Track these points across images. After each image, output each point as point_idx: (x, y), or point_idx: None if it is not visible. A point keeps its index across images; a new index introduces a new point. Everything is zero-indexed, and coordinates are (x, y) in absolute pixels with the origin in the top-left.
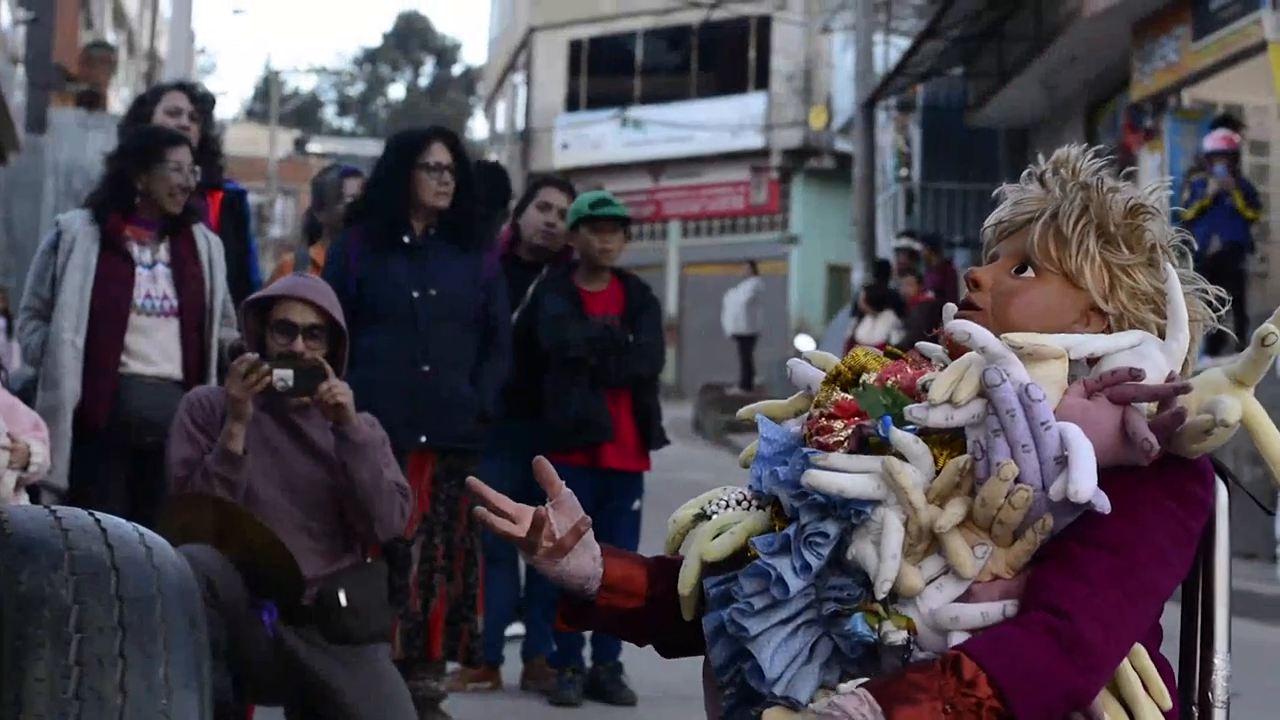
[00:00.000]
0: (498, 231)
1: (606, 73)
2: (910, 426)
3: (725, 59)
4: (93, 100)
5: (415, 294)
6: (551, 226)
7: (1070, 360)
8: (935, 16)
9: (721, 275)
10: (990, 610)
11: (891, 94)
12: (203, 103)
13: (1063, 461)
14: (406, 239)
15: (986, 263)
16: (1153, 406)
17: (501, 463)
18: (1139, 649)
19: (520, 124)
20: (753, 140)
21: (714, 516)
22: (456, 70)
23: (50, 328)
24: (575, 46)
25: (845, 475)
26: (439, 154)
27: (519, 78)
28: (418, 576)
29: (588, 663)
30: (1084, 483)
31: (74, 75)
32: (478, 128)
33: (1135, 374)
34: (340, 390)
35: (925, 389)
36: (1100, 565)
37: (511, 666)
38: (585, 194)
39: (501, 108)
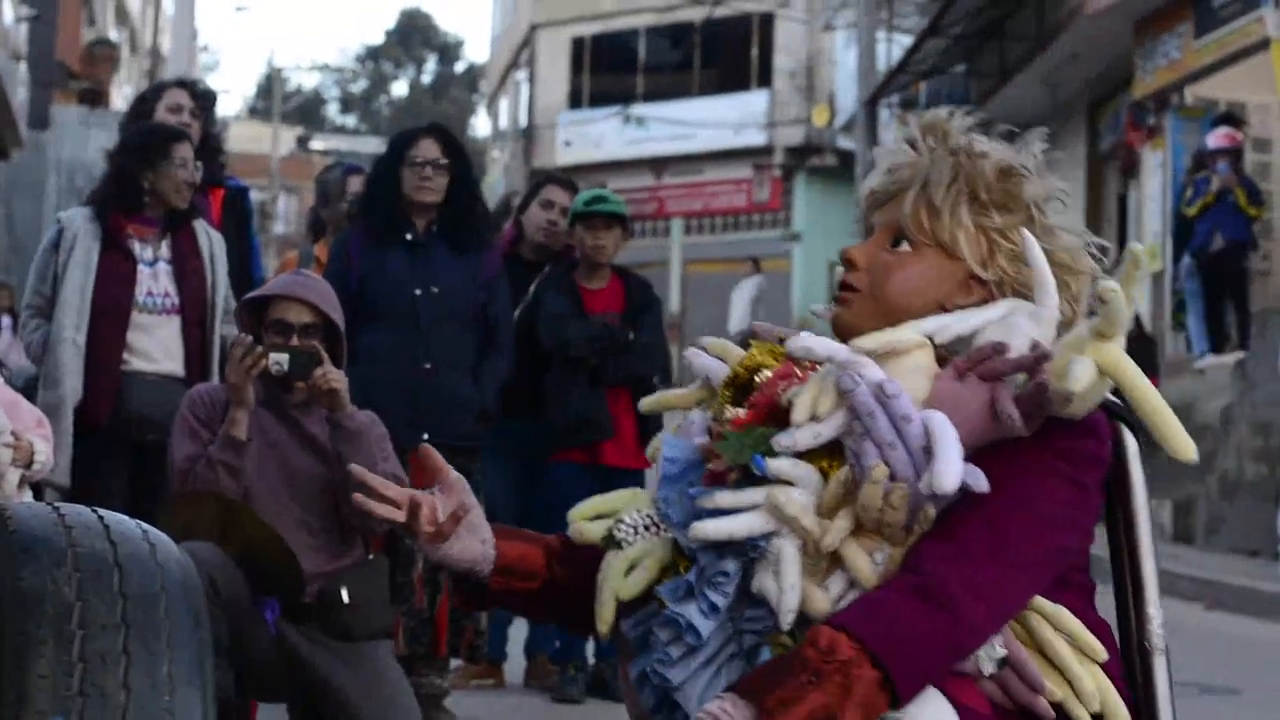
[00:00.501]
0: (499, 230)
1: (609, 70)
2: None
3: (727, 56)
4: (95, 98)
5: (417, 291)
6: (553, 225)
7: (943, 343)
8: (937, 14)
9: (724, 273)
10: None
11: (894, 91)
12: (204, 99)
13: (930, 452)
14: (409, 236)
15: (865, 234)
16: (1025, 377)
17: (502, 461)
18: (1061, 610)
19: (523, 121)
20: (755, 138)
21: (624, 547)
22: (459, 67)
23: (51, 326)
24: (578, 44)
25: (732, 520)
26: (426, 150)
27: (522, 75)
28: (423, 573)
29: (590, 659)
30: (948, 475)
31: (76, 72)
32: (481, 125)
33: (998, 348)
34: (335, 376)
35: (791, 403)
36: (976, 534)
37: (514, 663)
38: (583, 191)
39: (504, 105)
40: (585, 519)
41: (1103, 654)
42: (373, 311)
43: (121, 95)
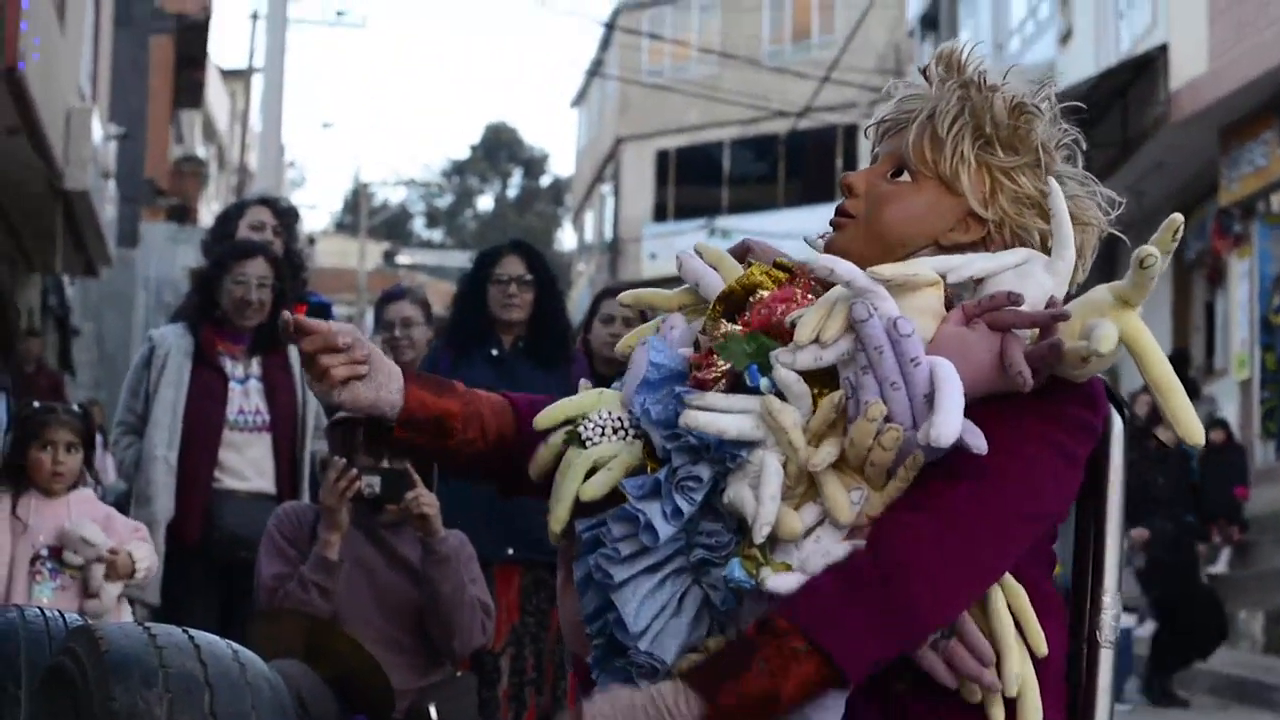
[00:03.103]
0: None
1: (694, 182)
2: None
3: (811, 168)
4: (183, 214)
5: None
6: (615, 338)
7: (951, 284)
8: None
9: None
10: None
11: None
12: (286, 216)
13: (932, 400)
14: (494, 352)
15: (873, 162)
16: (1035, 332)
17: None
18: (1019, 591)
19: (608, 234)
20: None
21: (589, 445)
22: (544, 181)
23: (144, 444)
24: (662, 156)
25: (725, 416)
26: (511, 267)
27: (607, 188)
28: (508, 689)
29: None
30: (948, 426)
31: (164, 189)
32: (566, 238)
33: (1014, 299)
34: (427, 500)
35: (794, 326)
36: (960, 503)
37: None
38: None
39: (589, 218)
40: (554, 423)
41: (1043, 651)
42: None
43: (209, 211)
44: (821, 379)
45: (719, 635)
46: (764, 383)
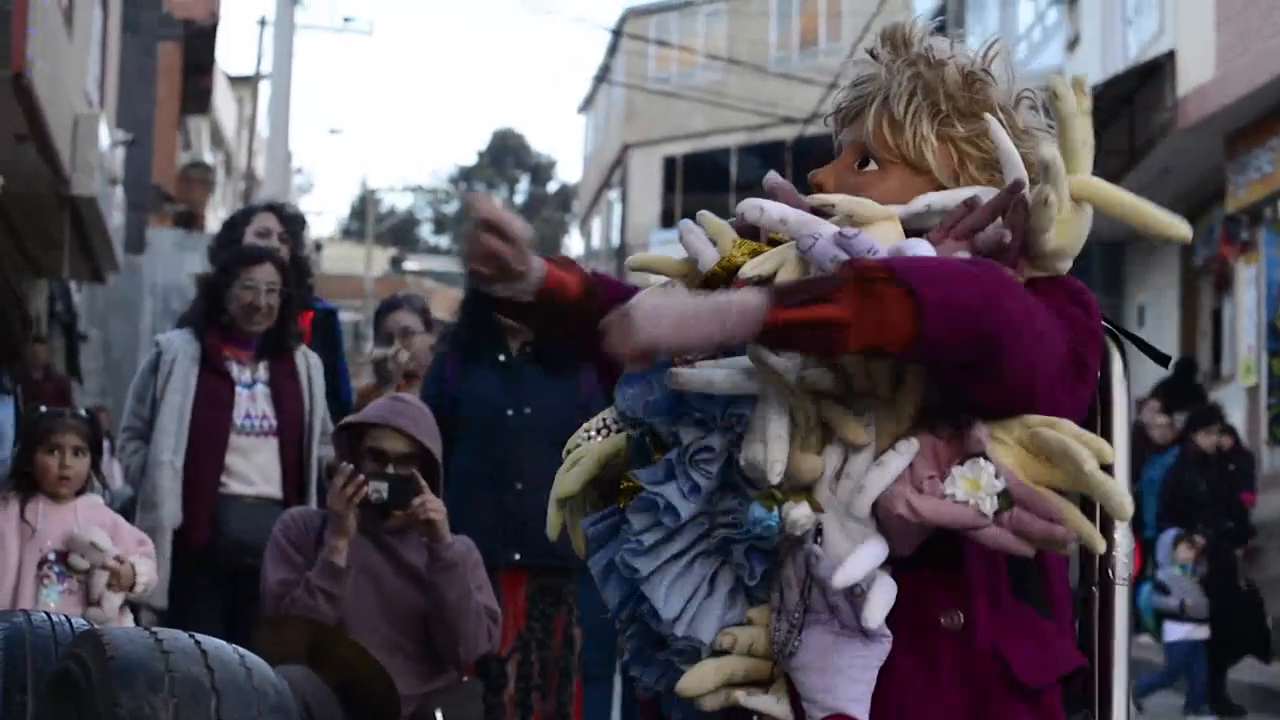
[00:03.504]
0: None
1: (701, 189)
2: None
3: None
4: (190, 220)
5: (509, 412)
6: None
7: (909, 223)
8: None
9: None
10: (896, 462)
11: None
12: (292, 223)
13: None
14: (501, 358)
15: (836, 153)
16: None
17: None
18: (1064, 423)
19: (615, 240)
20: None
21: (569, 453)
22: (551, 187)
23: (150, 449)
24: (669, 163)
25: (713, 370)
26: None
27: (614, 194)
28: (514, 695)
29: None
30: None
31: (172, 196)
32: (573, 245)
33: (971, 203)
34: (434, 506)
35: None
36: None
37: None
38: None
39: (597, 224)
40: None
41: (1111, 455)
42: (466, 433)
43: (217, 218)
44: None
45: (759, 605)
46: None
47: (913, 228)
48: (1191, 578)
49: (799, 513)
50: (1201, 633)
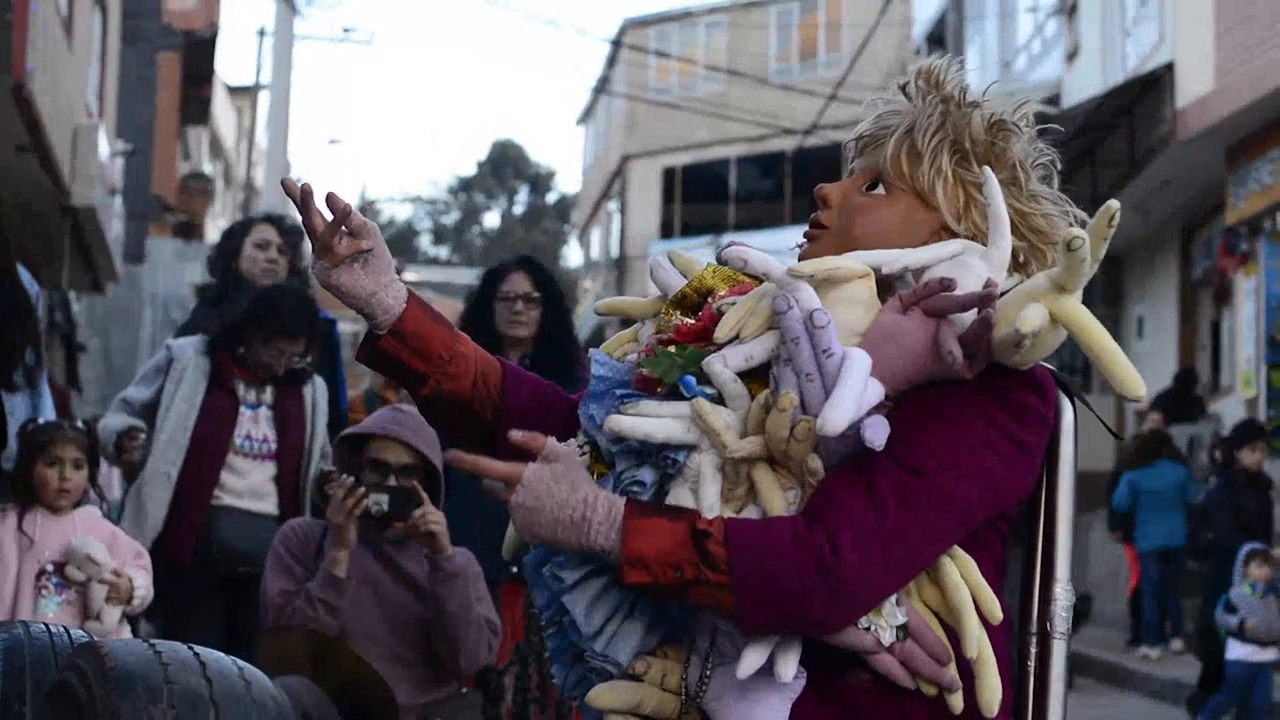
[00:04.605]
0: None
1: (700, 200)
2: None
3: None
4: (190, 230)
5: None
6: None
7: (892, 275)
8: None
9: None
10: None
11: None
12: (292, 235)
13: None
14: None
15: (848, 178)
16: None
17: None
18: (968, 561)
19: (615, 251)
20: None
21: None
22: (551, 198)
23: (150, 458)
24: (669, 174)
25: (652, 420)
26: (517, 284)
27: (613, 205)
28: (512, 707)
29: None
30: (834, 415)
31: (171, 206)
32: (573, 255)
33: (946, 284)
34: (434, 518)
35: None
36: (895, 483)
37: None
38: None
39: (596, 235)
40: None
41: (999, 615)
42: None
43: (216, 228)
44: (762, 379)
45: (675, 644)
46: (714, 370)
47: (883, 276)
48: (1261, 598)
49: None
50: (1266, 655)
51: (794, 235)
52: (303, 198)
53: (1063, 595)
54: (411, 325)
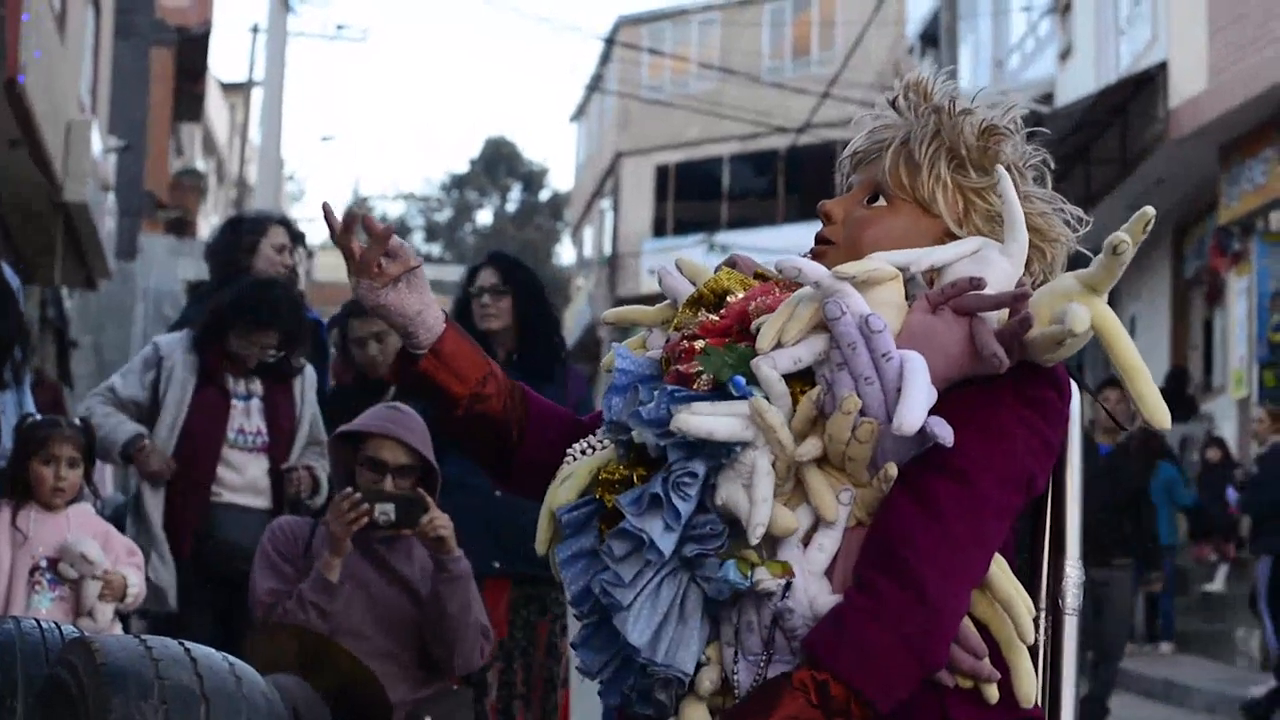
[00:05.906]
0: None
1: (693, 198)
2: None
3: (811, 183)
4: (183, 227)
5: None
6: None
7: (911, 277)
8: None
9: None
10: None
11: None
12: (298, 241)
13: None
14: None
15: (844, 193)
16: (1003, 314)
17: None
18: (1002, 563)
19: (607, 249)
20: None
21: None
22: (544, 196)
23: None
24: (662, 172)
25: (714, 418)
26: (484, 278)
27: (606, 203)
28: (496, 703)
29: None
30: (911, 415)
31: (164, 202)
32: (565, 253)
33: (975, 283)
34: (442, 522)
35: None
36: (949, 495)
37: None
38: None
39: (589, 233)
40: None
41: (1031, 610)
42: (450, 441)
43: (208, 224)
44: (802, 379)
45: (717, 640)
46: (761, 370)
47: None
48: None
49: (770, 584)
50: None
51: (787, 233)
52: (346, 223)
53: (1073, 572)
54: (450, 345)
